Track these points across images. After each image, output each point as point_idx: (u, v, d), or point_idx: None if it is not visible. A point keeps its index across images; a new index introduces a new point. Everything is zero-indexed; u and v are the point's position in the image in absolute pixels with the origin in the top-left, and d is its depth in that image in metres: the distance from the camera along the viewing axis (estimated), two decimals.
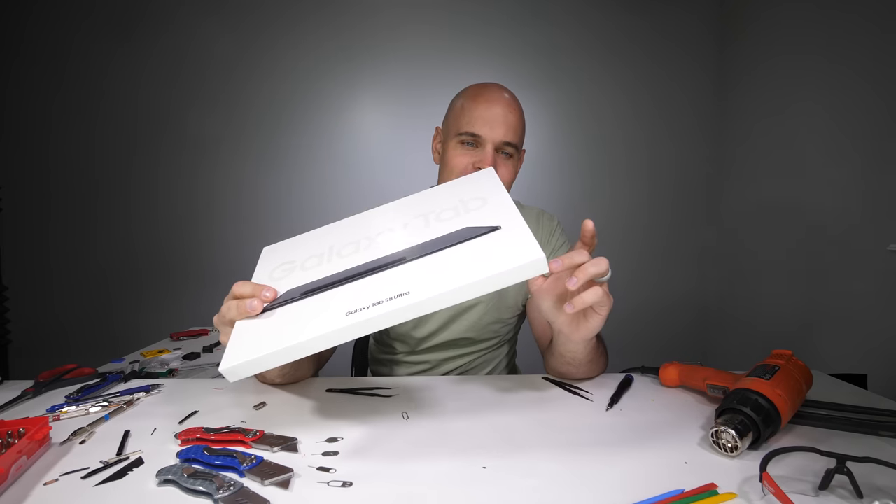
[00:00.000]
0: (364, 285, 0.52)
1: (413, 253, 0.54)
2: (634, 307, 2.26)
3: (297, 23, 2.14)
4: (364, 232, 0.62)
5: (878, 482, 0.46)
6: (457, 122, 0.86)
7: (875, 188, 1.41)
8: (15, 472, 0.48)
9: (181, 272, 2.24)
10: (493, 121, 0.83)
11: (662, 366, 0.76)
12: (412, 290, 0.48)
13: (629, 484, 0.47)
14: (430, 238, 0.55)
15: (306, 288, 0.55)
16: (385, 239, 0.59)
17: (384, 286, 0.50)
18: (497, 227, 0.53)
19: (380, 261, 0.55)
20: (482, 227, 0.54)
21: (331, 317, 0.49)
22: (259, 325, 0.53)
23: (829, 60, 1.57)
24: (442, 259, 0.51)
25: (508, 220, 0.54)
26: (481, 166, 0.82)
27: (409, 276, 0.51)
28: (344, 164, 2.21)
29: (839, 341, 1.53)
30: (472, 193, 0.62)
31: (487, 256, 0.49)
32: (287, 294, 0.55)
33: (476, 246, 0.51)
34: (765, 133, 1.88)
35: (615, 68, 2.18)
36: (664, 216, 2.25)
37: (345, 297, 0.51)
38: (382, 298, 0.48)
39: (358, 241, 0.61)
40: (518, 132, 0.86)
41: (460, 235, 0.54)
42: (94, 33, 2.12)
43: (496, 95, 0.85)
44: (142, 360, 1.14)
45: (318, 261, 0.60)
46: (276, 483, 0.47)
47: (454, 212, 0.59)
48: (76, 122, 2.17)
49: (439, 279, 0.48)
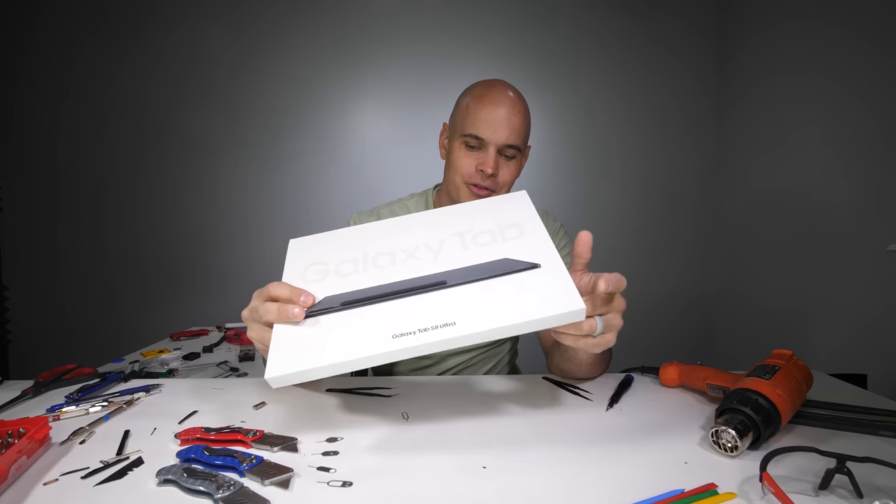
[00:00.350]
0: (407, 306, 0.53)
1: (454, 278, 0.55)
2: (634, 307, 2.23)
3: (299, 29, 2.15)
4: (399, 242, 0.62)
5: (878, 482, 0.46)
6: (462, 123, 0.87)
7: (875, 188, 1.41)
8: (15, 472, 0.48)
9: (182, 273, 2.24)
10: (497, 124, 0.84)
11: (662, 366, 0.76)
12: (458, 321, 0.50)
13: (629, 484, 0.47)
14: (470, 263, 0.57)
15: (346, 298, 0.55)
16: (422, 254, 0.59)
17: (429, 312, 0.51)
18: (537, 266, 0.54)
19: (421, 280, 0.56)
20: (522, 263, 0.55)
21: (378, 338, 0.50)
22: (302, 334, 0.53)
23: (828, 60, 1.57)
24: (484, 291, 0.53)
25: (547, 257, 0.55)
26: (484, 169, 0.84)
27: (453, 305, 0.52)
28: (347, 167, 2.22)
29: (839, 341, 1.53)
30: (508, 219, 0.62)
31: (530, 298, 0.51)
32: (327, 302, 0.55)
33: (517, 282, 0.53)
34: (763, 133, 1.88)
35: (613, 72, 2.19)
36: (664, 217, 2.25)
37: (389, 318, 0.52)
38: (428, 326, 0.50)
39: (394, 252, 0.61)
40: (521, 134, 0.87)
41: (500, 267, 0.55)
42: (101, 38, 2.13)
43: (500, 97, 0.86)
44: (142, 360, 1.14)
45: (354, 267, 0.60)
46: (276, 483, 0.47)
47: (491, 236, 0.60)
48: (78, 123, 2.17)
49: (484, 316, 0.50)
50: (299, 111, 2.19)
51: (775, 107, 1.81)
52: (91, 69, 2.14)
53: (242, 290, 2.42)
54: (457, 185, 0.89)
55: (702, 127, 2.21)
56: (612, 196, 2.25)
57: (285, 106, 2.19)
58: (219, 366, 1.12)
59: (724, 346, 2.18)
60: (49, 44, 2.12)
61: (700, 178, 2.24)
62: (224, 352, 1.25)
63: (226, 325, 1.51)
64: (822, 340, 1.59)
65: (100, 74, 2.15)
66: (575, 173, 2.24)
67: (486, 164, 0.84)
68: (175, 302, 2.24)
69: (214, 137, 2.19)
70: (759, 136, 1.91)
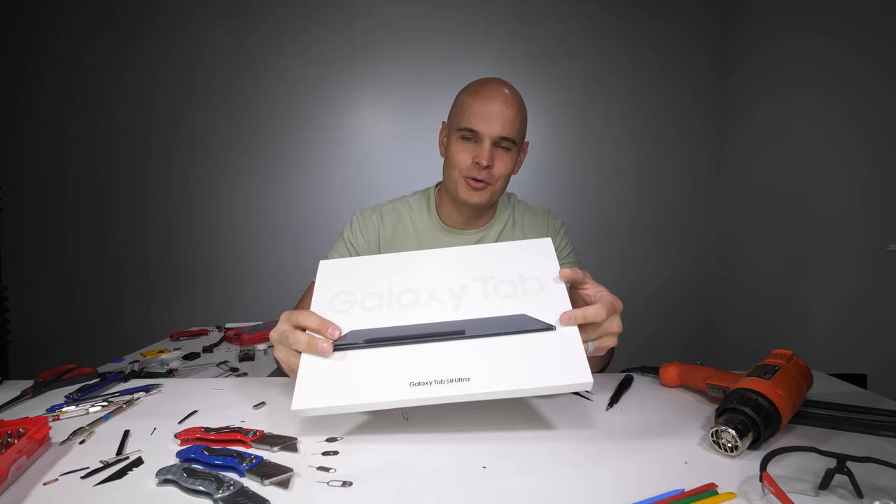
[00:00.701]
0: (426, 353, 0.56)
1: (473, 328, 0.58)
2: (634, 307, 2.25)
3: (303, 33, 2.17)
4: (423, 280, 0.65)
5: (878, 482, 0.46)
6: (458, 118, 0.90)
7: (874, 189, 1.41)
8: (14, 472, 0.48)
9: (183, 273, 2.24)
10: (491, 117, 0.86)
11: (662, 366, 0.76)
12: (472, 378, 0.53)
13: (629, 484, 0.47)
14: (489, 314, 0.60)
15: (371, 336, 0.58)
16: (445, 298, 0.62)
17: (446, 363, 0.55)
18: (552, 328, 0.57)
19: (441, 326, 0.59)
20: (539, 322, 0.58)
21: (396, 385, 0.53)
22: (327, 369, 0.56)
23: (829, 60, 1.57)
24: (499, 348, 0.55)
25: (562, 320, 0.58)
26: (480, 161, 0.86)
27: (469, 360, 0.55)
28: (351, 167, 2.22)
29: (840, 341, 1.53)
30: (530, 270, 0.64)
31: (541, 365, 0.54)
32: (352, 336, 0.59)
33: (531, 343, 0.56)
34: (763, 132, 1.88)
35: (612, 70, 2.19)
36: (664, 217, 2.26)
37: (409, 363, 0.55)
38: (444, 378, 0.53)
39: (417, 289, 0.64)
40: (515, 127, 0.88)
41: (518, 324, 0.58)
42: (107, 39, 2.14)
43: (494, 91, 0.88)
44: (142, 360, 1.14)
45: (378, 302, 0.63)
46: (276, 483, 0.47)
47: (512, 287, 0.63)
48: (81, 123, 2.17)
49: (496, 378, 0.53)
50: (303, 112, 2.20)
51: (775, 105, 1.81)
52: (96, 69, 2.15)
53: (243, 291, 2.44)
54: (455, 180, 0.91)
55: (701, 125, 2.21)
56: (617, 196, 2.25)
57: (290, 107, 2.19)
58: (219, 366, 1.13)
59: (724, 345, 2.18)
60: (55, 44, 2.13)
61: (700, 177, 2.24)
62: (224, 352, 1.25)
63: (226, 325, 1.51)
64: (822, 340, 1.59)
65: (105, 74, 2.15)
66: (572, 171, 2.24)
67: (482, 156, 0.86)
68: (175, 302, 2.24)
69: (219, 138, 2.20)
70: (759, 135, 1.91)
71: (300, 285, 0.98)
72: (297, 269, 2.14)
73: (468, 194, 0.90)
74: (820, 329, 1.60)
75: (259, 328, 1.36)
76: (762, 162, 1.90)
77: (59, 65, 2.14)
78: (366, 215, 0.99)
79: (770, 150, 1.84)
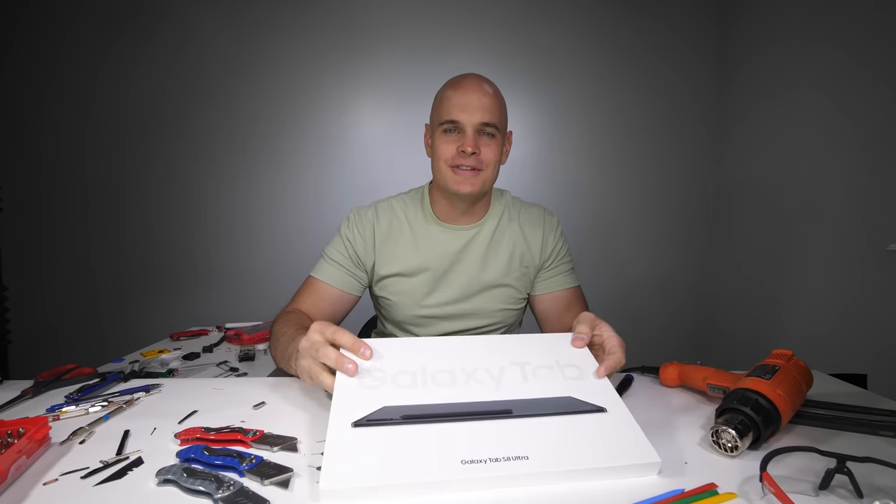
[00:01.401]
0: (474, 431, 0.50)
1: (519, 408, 0.54)
2: (634, 307, 2.26)
3: (291, 21, 2.15)
4: (458, 362, 0.61)
5: (878, 482, 0.46)
6: (438, 114, 0.92)
7: (875, 188, 1.41)
8: (14, 472, 0.48)
9: (183, 273, 2.24)
10: (469, 105, 0.88)
11: (662, 366, 0.76)
12: (531, 456, 0.47)
13: (629, 484, 0.47)
14: (532, 396, 0.56)
15: (407, 412, 0.53)
16: (483, 378, 0.59)
17: (499, 441, 0.49)
18: (603, 409, 0.54)
19: (485, 406, 0.54)
20: (588, 404, 0.55)
21: (446, 463, 0.47)
22: (359, 444, 0.49)
23: (829, 60, 1.57)
24: (554, 429, 0.51)
25: (611, 403, 0.56)
26: (465, 149, 0.88)
27: (524, 438, 0.50)
28: (349, 167, 2.22)
29: (839, 341, 1.53)
30: (565, 359, 0.63)
31: (602, 443, 0.50)
32: (385, 412, 0.53)
33: (585, 424, 0.52)
34: (764, 135, 1.88)
35: (617, 65, 2.19)
36: (664, 217, 2.25)
37: (457, 440, 0.49)
38: (500, 457, 0.47)
39: (453, 371, 0.60)
40: (495, 113, 0.90)
41: (566, 405, 0.55)
42: (88, 31, 2.12)
43: (471, 83, 0.91)
44: (142, 360, 1.14)
45: (412, 380, 0.58)
46: (276, 483, 0.47)
47: (550, 372, 0.60)
48: (81, 122, 2.17)
49: (558, 456, 0.48)
50: (303, 112, 2.20)
51: (777, 103, 1.81)
52: (93, 68, 2.14)
53: (243, 291, 2.44)
54: (442, 172, 0.92)
55: (703, 123, 2.21)
56: (618, 196, 2.24)
57: (290, 107, 2.19)
58: (219, 366, 1.13)
59: (724, 345, 2.18)
60: (34, 35, 2.11)
61: (699, 177, 2.23)
62: (224, 352, 1.25)
63: (226, 325, 1.51)
64: (822, 340, 1.59)
65: (102, 74, 2.15)
66: (572, 171, 2.24)
67: (466, 143, 0.88)
68: (176, 302, 2.24)
69: (219, 139, 2.19)
70: (761, 134, 1.91)
71: (300, 285, 0.98)
72: (297, 269, 2.12)
73: (458, 184, 0.90)
74: (820, 329, 1.60)
75: (259, 328, 1.36)
76: (762, 162, 1.89)
77: (38, 54, 2.12)
78: (362, 213, 1.00)
79: (770, 149, 1.84)
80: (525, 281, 1.01)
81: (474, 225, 0.99)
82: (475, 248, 0.98)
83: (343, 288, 0.95)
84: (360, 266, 0.97)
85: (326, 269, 0.96)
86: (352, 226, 0.98)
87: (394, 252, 0.97)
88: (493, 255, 0.99)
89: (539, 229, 1.01)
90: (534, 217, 1.03)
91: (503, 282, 0.99)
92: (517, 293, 1.01)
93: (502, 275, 0.98)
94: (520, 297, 1.02)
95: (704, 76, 2.19)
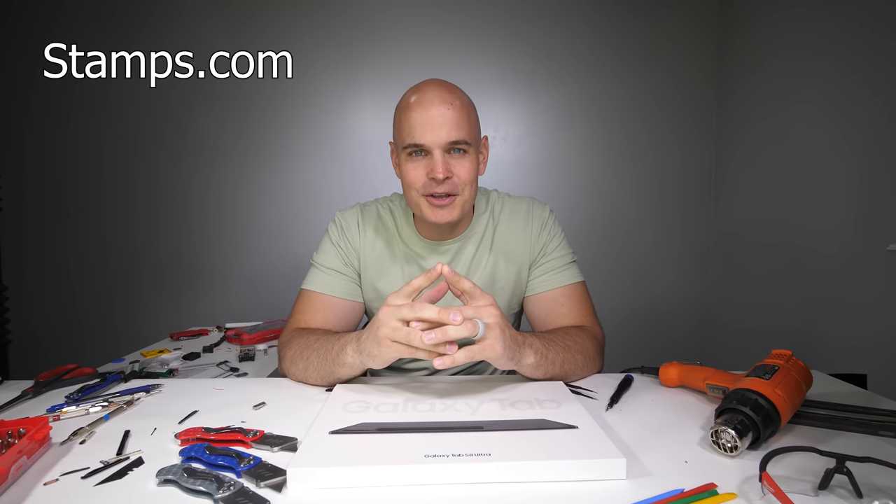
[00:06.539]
0: (443, 438, 0.54)
1: (492, 425, 0.57)
2: (635, 307, 2.26)
3: (301, 34, 2.15)
4: (439, 397, 0.68)
5: (878, 482, 0.46)
6: (400, 136, 0.83)
7: (875, 189, 1.41)
8: (15, 472, 0.48)
9: (183, 273, 2.24)
10: (433, 123, 0.78)
11: (662, 366, 0.76)
12: (493, 453, 0.50)
13: (629, 484, 0.47)
14: (508, 418, 0.60)
15: (383, 427, 0.57)
16: (461, 408, 0.63)
17: (464, 444, 0.52)
18: (574, 427, 0.56)
19: (459, 424, 0.58)
20: (560, 423, 0.57)
21: (409, 456, 0.49)
22: (335, 443, 0.53)
23: (828, 62, 1.57)
24: (521, 437, 0.54)
25: (584, 423, 0.57)
26: (435, 176, 0.79)
27: (490, 443, 0.52)
28: (348, 167, 2.21)
29: (839, 341, 1.52)
30: (545, 395, 0.67)
31: (567, 446, 0.52)
32: (363, 427, 0.57)
33: (554, 436, 0.55)
34: (763, 135, 1.88)
35: (613, 74, 2.19)
36: (664, 217, 2.25)
37: (423, 443, 0.52)
38: (462, 453, 0.50)
39: (433, 403, 0.66)
40: (464, 127, 0.80)
41: (538, 424, 0.58)
42: (102, 38, 2.12)
43: (430, 96, 0.80)
44: (142, 360, 1.14)
45: (394, 408, 0.64)
46: (270, 486, 0.47)
47: (528, 405, 0.64)
48: (80, 122, 2.17)
49: (520, 454, 0.50)
50: (303, 112, 2.20)
51: (776, 106, 1.81)
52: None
53: (243, 291, 2.43)
54: (415, 201, 0.84)
55: (702, 127, 2.21)
56: (618, 195, 2.24)
57: (290, 107, 2.19)
58: (219, 366, 1.13)
59: (724, 345, 2.18)
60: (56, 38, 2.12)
61: (700, 177, 2.23)
62: (224, 352, 1.25)
63: (226, 325, 1.51)
64: (822, 340, 1.59)
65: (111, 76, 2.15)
66: (573, 171, 2.24)
67: (435, 169, 0.79)
68: (176, 302, 2.24)
69: (220, 139, 2.19)
70: (761, 134, 1.91)
71: (300, 284, 0.97)
72: (297, 269, 2.12)
73: (435, 214, 0.82)
74: (820, 329, 1.60)
75: (259, 328, 1.36)
76: (762, 162, 1.89)
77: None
78: (346, 216, 0.96)
79: (770, 150, 1.84)
80: (518, 283, 0.95)
81: (456, 239, 0.93)
82: (461, 262, 0.93)
83: (349, 297, 0.91)
84: (355, 270, 0.94)
85: (324, 279, 0.91)
86: (341, 231, 0.95)
87: (379, 265, 0.93)
88: (479, 265, 0.93)
89: (527, 225, 0.94)
90: (520, 213, 0.95)
91: (491, 291, 0.92)
92: (509, 298, 0.96)
93: (488, 285, 0.93)
94: (512, 301, 0.97)
95: (703, 87, 2.18)
